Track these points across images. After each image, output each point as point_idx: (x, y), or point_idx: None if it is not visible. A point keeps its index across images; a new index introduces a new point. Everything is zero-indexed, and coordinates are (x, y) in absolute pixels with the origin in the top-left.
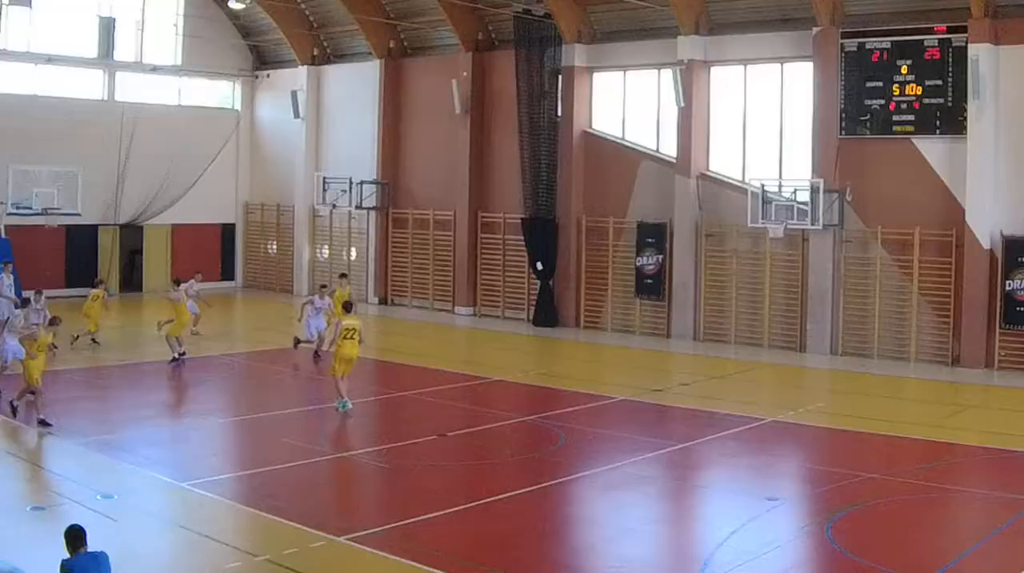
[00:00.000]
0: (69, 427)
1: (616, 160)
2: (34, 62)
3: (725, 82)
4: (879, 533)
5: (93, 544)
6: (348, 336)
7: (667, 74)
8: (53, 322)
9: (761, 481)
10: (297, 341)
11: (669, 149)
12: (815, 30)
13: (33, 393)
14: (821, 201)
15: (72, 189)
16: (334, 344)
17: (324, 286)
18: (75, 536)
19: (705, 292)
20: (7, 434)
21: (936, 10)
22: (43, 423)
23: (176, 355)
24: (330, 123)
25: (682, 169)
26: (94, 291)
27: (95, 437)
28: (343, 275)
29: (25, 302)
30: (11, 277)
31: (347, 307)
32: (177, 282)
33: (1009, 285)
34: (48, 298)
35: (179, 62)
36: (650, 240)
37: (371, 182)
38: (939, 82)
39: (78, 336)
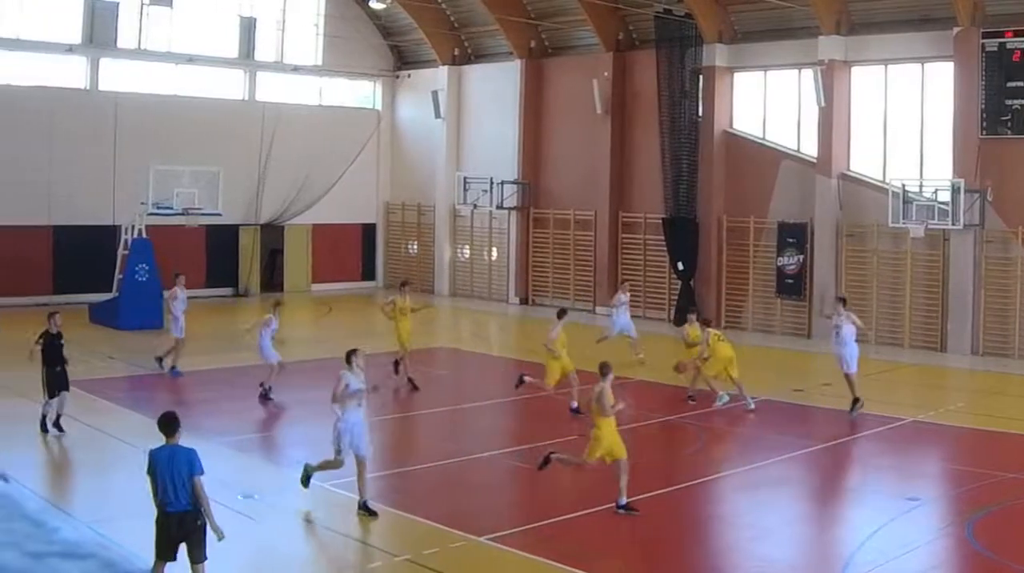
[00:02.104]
0: (210, 427)
1: (756, 160)
2: (175, 62)
3: (865, 82)
4: (1020, 533)
5: (235, 545)
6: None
7: (808, 74)
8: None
9: (902, 481)
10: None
11: (810, 149)
12: (955, 30)
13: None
14: (962, 201)
15: (213, 189)
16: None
17: (278, 304)
18: (162, 425)
19: (846, 292)
20: (148, 432)
21: None
22: (411, 383)
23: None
24: (471, 123)
25: (823, 169)
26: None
27: (236, 437)
28: (404, 283)
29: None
30: (183, 291)
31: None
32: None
33: None
34: (188, 298)
35: (320, 62)
36: (791, 240)
37: (512, 182)
38: None
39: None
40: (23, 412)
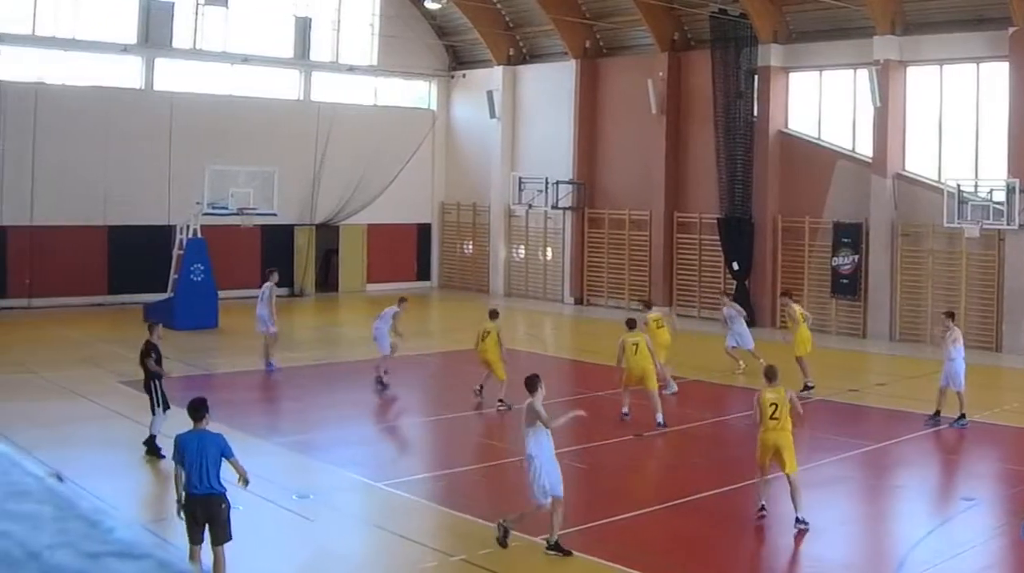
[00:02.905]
0: (265, 426)
1: (812, 160)
2: (230, 62)
3: (921, 82)
4: None
5: (290, 545)
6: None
7: (863, 74)
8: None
9: (957, 481)
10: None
11: (865, 149)
12: (1011, 30)
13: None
14: (1017, 201)
15: (268, 189)
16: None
17: (403, 299)
18: (191, 410)
19: (901, 292)
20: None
21: None
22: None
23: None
24: (526, 123)
25: (878, 169)
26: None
27: (291, 437)
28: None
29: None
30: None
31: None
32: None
33: None
34: (243, 298)
35: (375, 62)
36: (846, 240)
37: (567, 182)
38: None
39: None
40: (80, 412)
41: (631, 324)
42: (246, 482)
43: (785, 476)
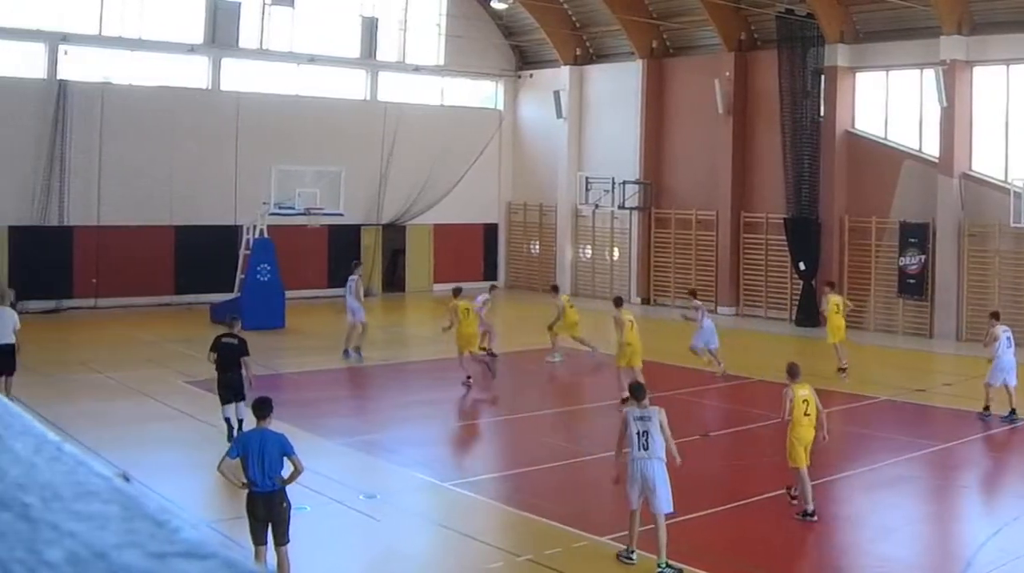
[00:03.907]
0: (332, 426)
1: (878, 160)
2: (297, 62)
3: (987, 82)
4: None
5: (357, 545)
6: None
7: (929, 74)
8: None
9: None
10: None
11: (931, 149)
12: None
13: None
14: None
15: (334, 189)
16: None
17: (494, 287)
18: (255, 408)
19: (968, 292)
20: None
21: None
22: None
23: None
24: (592, 123)
25: (944, 169)
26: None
27: (358, 437)
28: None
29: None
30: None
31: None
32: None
33: None
34: (309, 299)
35: (442, 62)
36: (912, 240)
37: (633, 182)
38: None
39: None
40: (146, 412)
41: (618, 302)
42: (292, 480)
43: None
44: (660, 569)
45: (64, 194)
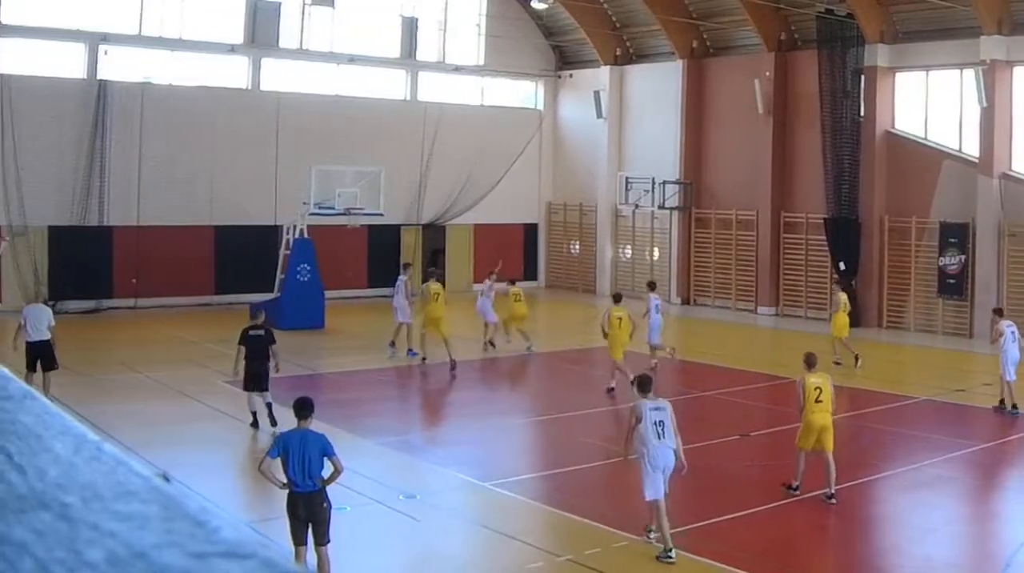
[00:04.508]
0: (372, 426)
1: (918, 160)
2: (337, 62)
3: None
4: None
5: (397, 545)
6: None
7: (969, 74)
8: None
9: None
10: None
11: (971, 149)
12: None
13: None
14: None
15: (374, 189)
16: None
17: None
18: (296, 408)
19: (1008, 292)
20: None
21: None
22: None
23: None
24: (632, 123)
25: (984, 169)
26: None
27: (397, 437)
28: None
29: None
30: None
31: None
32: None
33: None
34: (349, 299)
35: (482, 62)
36: (952, 240)
37: (673, 182)
38: None
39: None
40: (186, 412)
41: (617, 298)
42: (332, 480)
43: (825, 454)
44: (667, 554)
45: (104, 194)
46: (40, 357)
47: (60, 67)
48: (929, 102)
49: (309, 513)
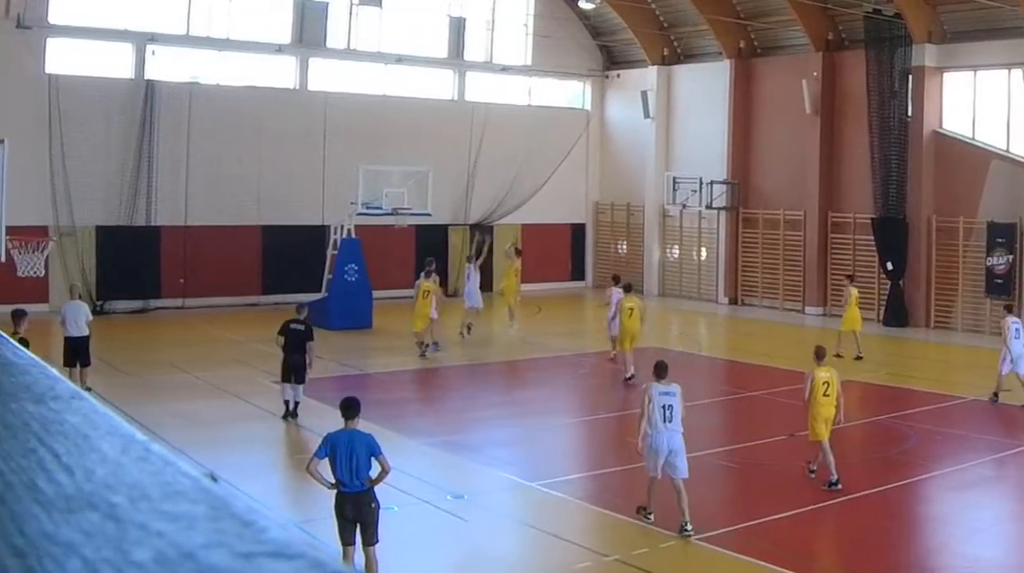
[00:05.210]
0: (419, 427)
1: (966, 160)
2: (384, 62)
3: None
4: None
5: (444, 545)
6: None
7: (1017, 74)
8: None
9: None
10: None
11: (1019, 149)
12: None
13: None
14: None
15: (422, 189)
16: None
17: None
18: (343, 408)
19: None
20: None
21: None
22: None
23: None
24: (679, 123)
25: None
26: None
27: (444, 437)
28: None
29: None
30: (478, 272)
31: None
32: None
33: None
34: (397, 298)
35: (529, 62)
36: (1000, 240)
37: (721, 182)
38: None
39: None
40: (233, 412)
41: (628, 288)
42: (380, 480)
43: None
44: (685, 528)
45: (151, 194)
46: (77, 353)
47: (108, 67)
48: (977, 102)
49: (357, 513)
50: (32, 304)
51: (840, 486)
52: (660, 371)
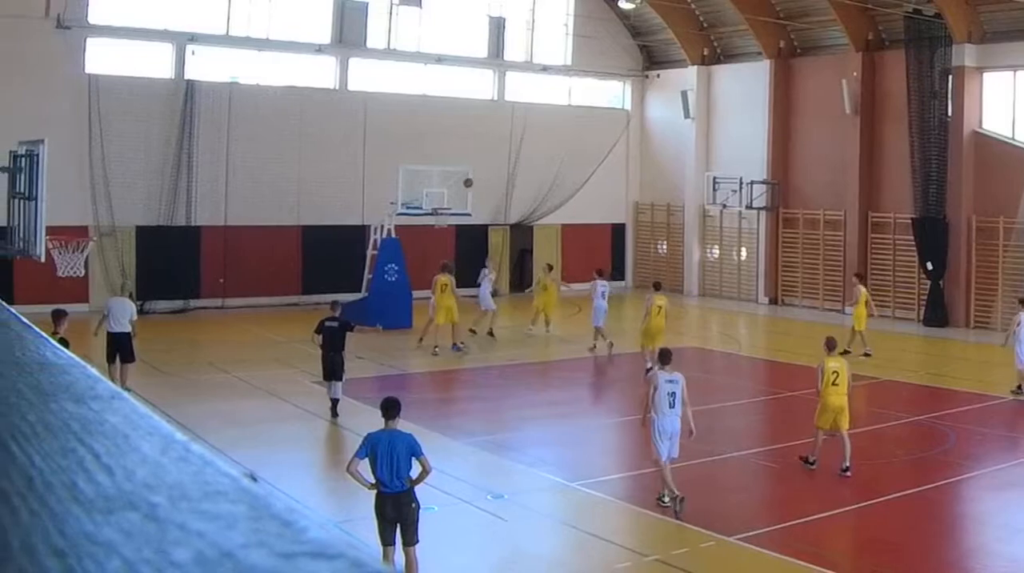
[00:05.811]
0: (459, 427)
1: (1006, 160)
2: (424, 62)
3: None
4: None
5: (485, 545)
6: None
7: None
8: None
9: None
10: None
11: None
12: None
13: None
14: None
15: (462, 189)
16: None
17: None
18: (383, 408)
19: None
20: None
21: None
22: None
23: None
24: (719, 123)
25: None
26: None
27: (484, 437)
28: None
29: None
30: (495, 273)
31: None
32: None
33: None
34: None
35: (569, 62)
36: None
37: (761, 182)
38: None
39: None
40: (273, 412)
41: (657, 286)
42: (420, 480)
43: (841, 433)
44: (662, 500)
45: (191, 194)
46: (119, 348)
47: (147, 67)
48: (1017, 102)
49: (397, 513)
50: (72, 304)
51: (815, 465)
52: (665, 359)
